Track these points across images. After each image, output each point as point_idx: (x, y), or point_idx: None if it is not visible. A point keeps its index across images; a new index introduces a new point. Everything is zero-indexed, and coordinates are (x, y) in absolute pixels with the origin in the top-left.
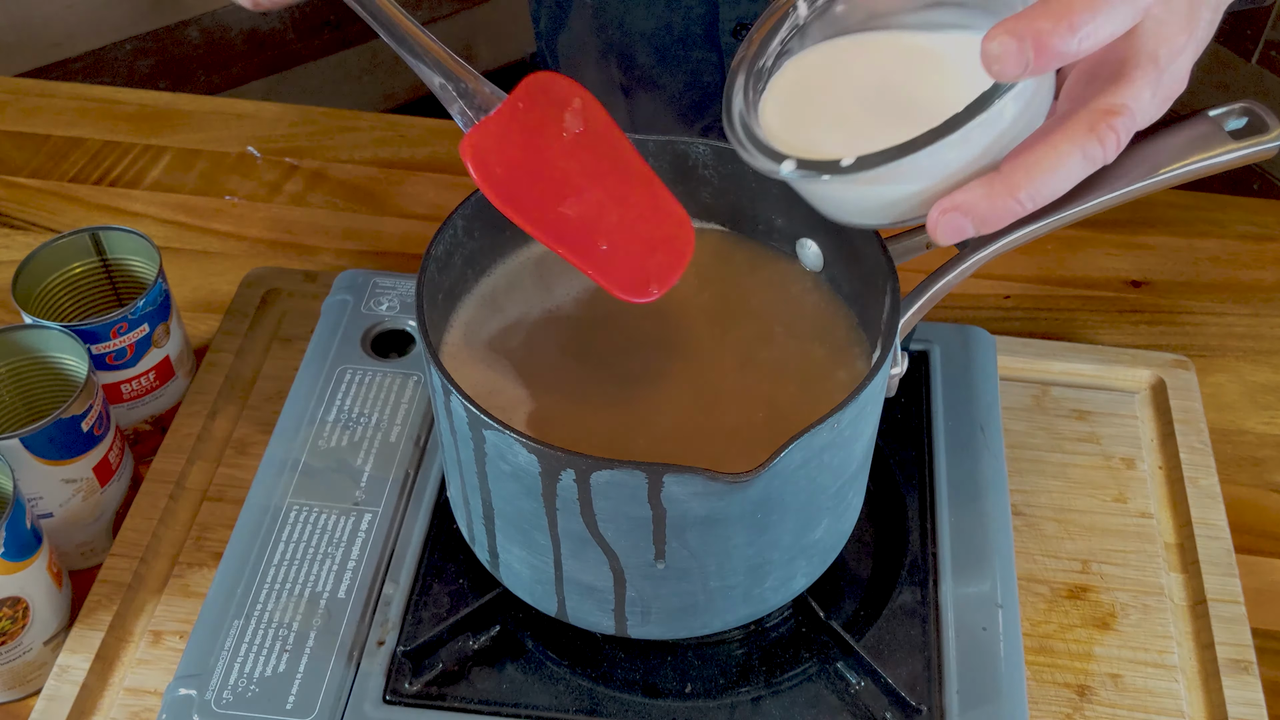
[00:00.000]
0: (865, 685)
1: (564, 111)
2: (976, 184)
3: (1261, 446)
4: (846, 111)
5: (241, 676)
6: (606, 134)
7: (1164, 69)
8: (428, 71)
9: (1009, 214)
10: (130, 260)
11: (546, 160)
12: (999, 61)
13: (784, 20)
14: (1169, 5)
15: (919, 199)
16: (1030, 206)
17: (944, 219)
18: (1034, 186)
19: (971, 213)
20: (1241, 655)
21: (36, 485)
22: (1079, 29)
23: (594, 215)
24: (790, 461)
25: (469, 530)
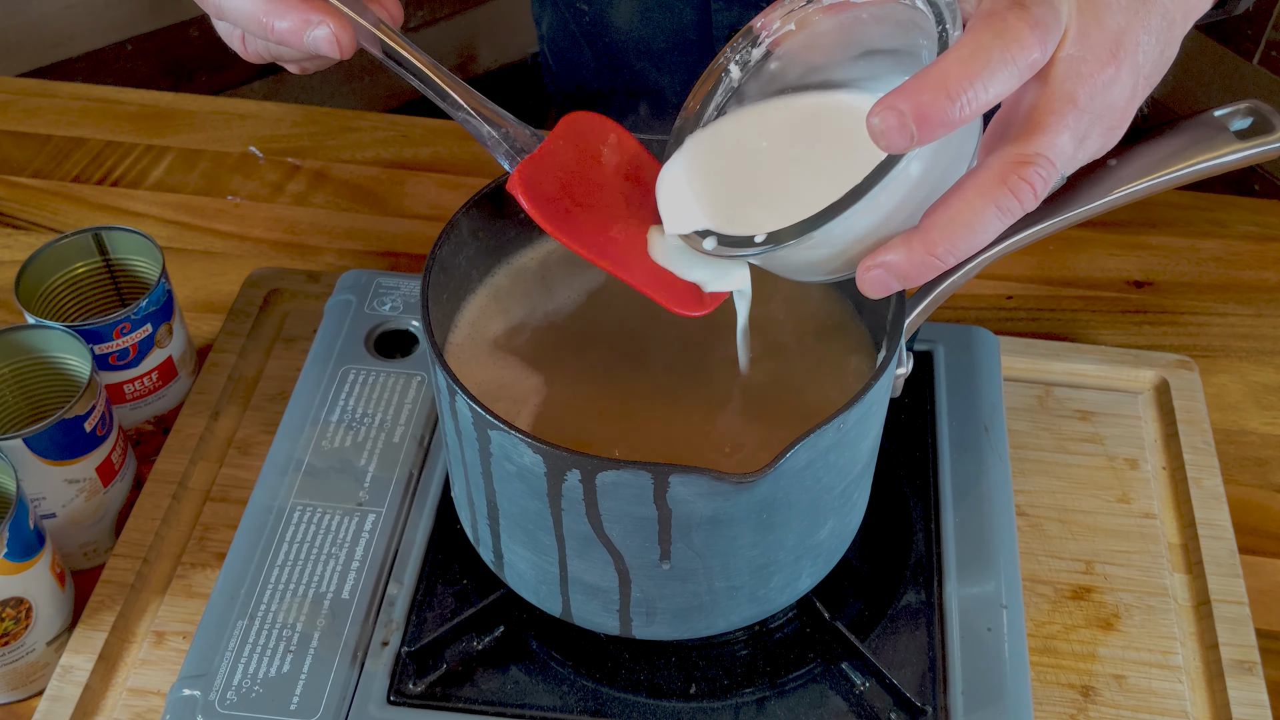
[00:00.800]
0: (870, 686)
1: (601, 146)
2: (896, 243)
3: (1265, 447)
4: (766, 179)
5: (245, 677)
6: (641, 163)
7: (1085, 109)
8: (474, 122)
9: (930, 269)
10: (133, 260)
11: (589, 190)
12: (884, 136)
13: (718, 84)
14: (1085, 43)
15: (842, 259)
16: (951, 261)
17: (868, 275)
18: (950, 243)
19: (894, 271)
20: (1245, 656)
21: (39, 485)
22: (958, 97)
23: (640, 238)
24: (796, 462)
25: (473, 531)
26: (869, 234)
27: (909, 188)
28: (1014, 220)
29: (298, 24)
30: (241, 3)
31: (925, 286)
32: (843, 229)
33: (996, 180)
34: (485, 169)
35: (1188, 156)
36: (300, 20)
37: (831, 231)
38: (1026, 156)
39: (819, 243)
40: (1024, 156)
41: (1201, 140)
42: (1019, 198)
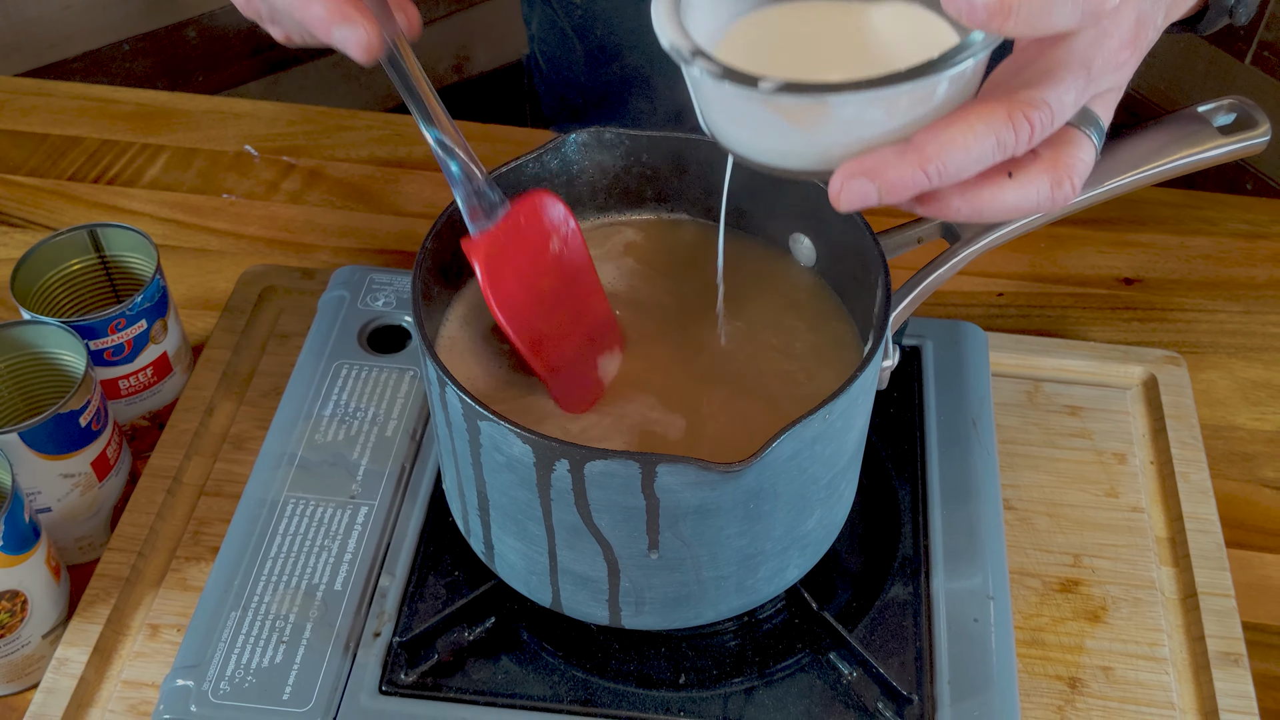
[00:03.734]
0: (857, 675)
1: (552, 235)
2: (887, 149)
3: (1252, 442)
4: (797, 53)
5: (239, 667)
6: (579, 257)
7: (1095, 79)
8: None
9: (914, 185)
10: (128, 257)
11: (533, 275)
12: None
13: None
14: (1117, 20)
15: (827, 153)
16: (936, 181)
17: (850, 183)
18: (943, 160)
19: (879, 177)
20: (1232, 648)
21: (35, 480)
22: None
23: (559, 333)
24: (781, 452)
25: (464, 522)
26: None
27: (928, 108)
28: (1001, 159)
29: (331, 14)
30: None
31: (911, 279)
32: (851, 111)
33: (1001, 113)
34: None
35: (1172, 151)
36: (336, 12)
37: (841, 108)
38: (1035, 100)
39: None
40: (1033, 99)
41: (1186, 135)
42: (1017, 134)
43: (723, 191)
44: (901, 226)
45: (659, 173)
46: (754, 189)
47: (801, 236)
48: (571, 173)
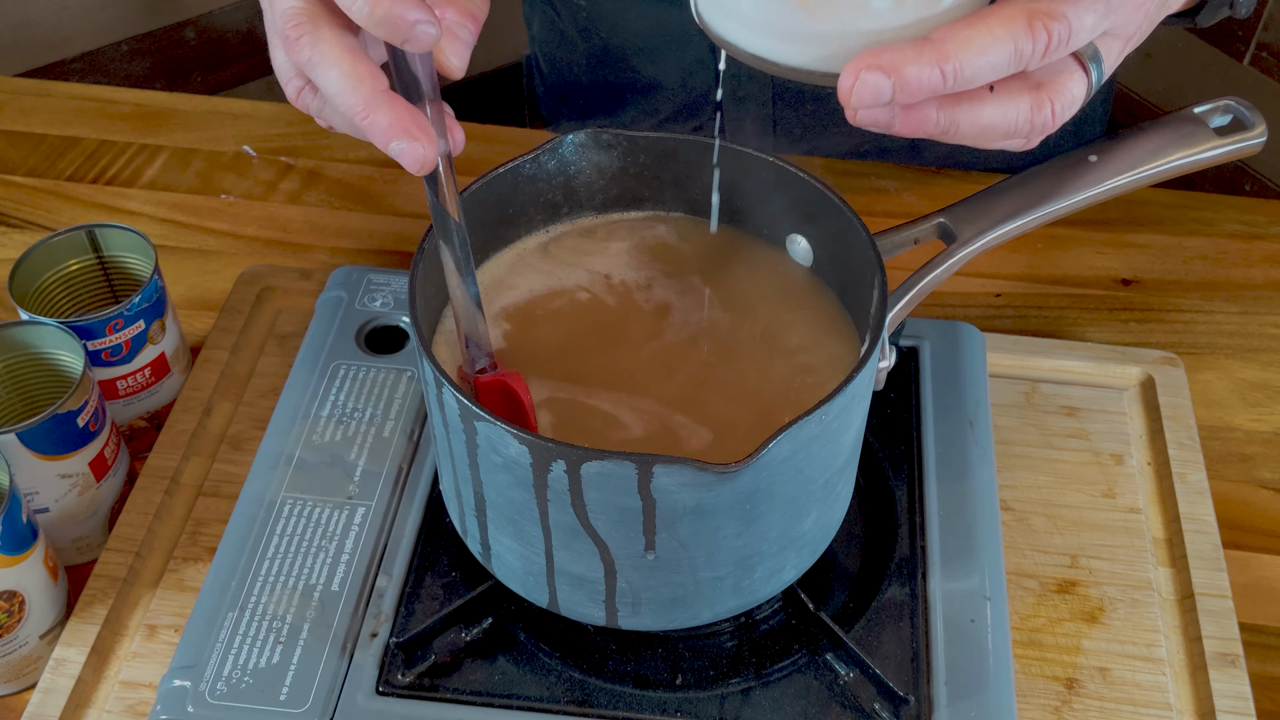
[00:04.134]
0: (854, 676)
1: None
2: (905, 44)
3: (1249, 443)
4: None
5: (236, 668)
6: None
7: (1114, 8)
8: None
9: (930, 86)
10: (126, 257)
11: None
12: None
13: None
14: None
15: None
16: (950, 84)
17: (865, 76)
18: (961, 60)
19: (895, 73)
20: (1229, 649)
21: (32, 480)
22: None
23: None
24: (778, 453)
25: (461, 523)
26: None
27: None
28: (1017, 69)
29: (393, 128)
30: (339, 76)
31: (908, 280)
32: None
33: (1021, 20)
34: (475, 169)
35: (1168, 152)
36: (398, 126)
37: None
38: (1054, 11)
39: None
40: (1052, 10)
41: (1182, 136)
42: (1034, 44)
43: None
44: (898, 227)
45: (656, 173)
46: (750, 190)
47: (798, 237)
48: (569, 173)
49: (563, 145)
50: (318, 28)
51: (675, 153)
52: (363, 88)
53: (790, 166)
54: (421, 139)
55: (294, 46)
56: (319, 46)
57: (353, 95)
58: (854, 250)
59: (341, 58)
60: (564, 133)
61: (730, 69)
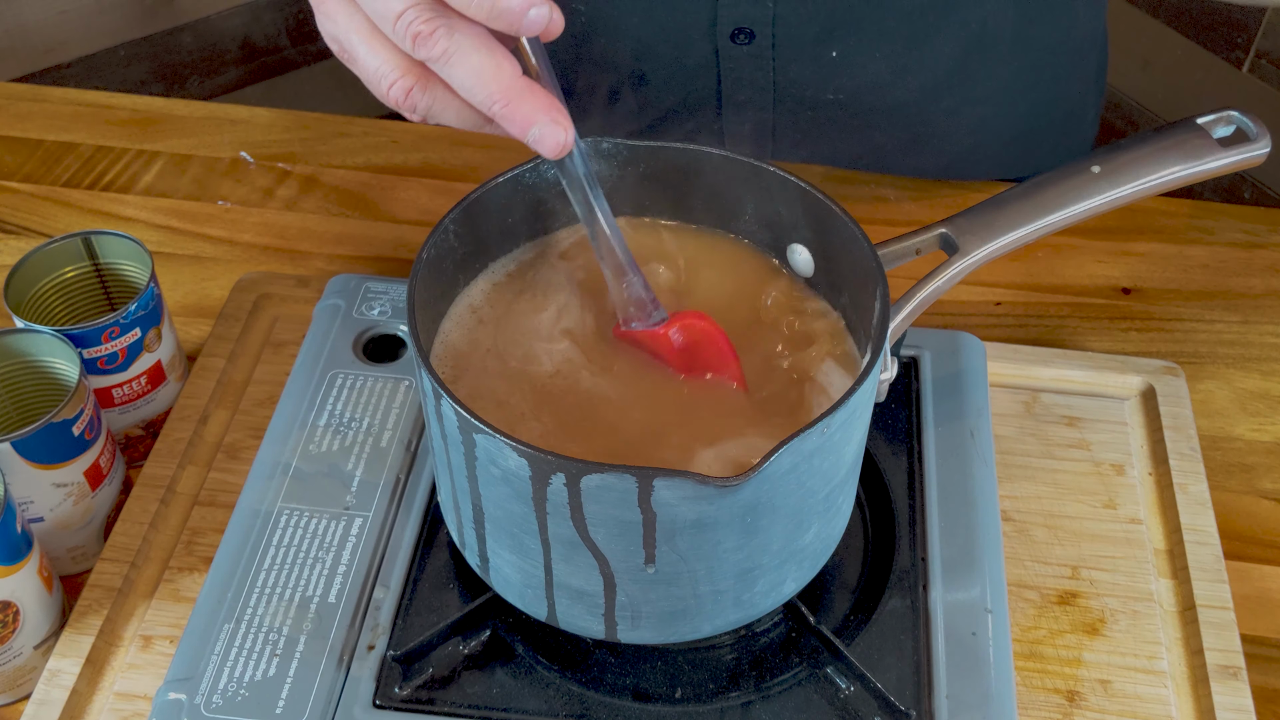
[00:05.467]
0: (855, 690)
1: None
2: None
3: (1250, 453)
4: None
5: (231, 680)
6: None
7: None
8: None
9: None
10: (122, 265)
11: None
12: None
13: None
14: None
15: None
16: None
17: None
18: None
19: None
20: (1230, 661)
21: (27, 489)
22: None
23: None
24: (779, 466)
25: (459, 535)
26: None
27: None
28: None
29: (535, 113)
30: (479, 66)
31: (910, 291)
32: None
33: None
34: (474, 174)
35: (1172, 164)
36: (540, 111)
37: None
38: None
39: None
40: None
41: (1185, 147)
42: None
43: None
44: (900, 237)
45: (656, 183)
46: (750, 199)
47: (798, 247)
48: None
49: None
50: (450, 19)
51: (675, 162)
52: (502, 76)
53: (791, 176)
54: (562, 121)
55: (428, 41)
56: (455, 37)
57: (493, 84)
58: (855, 261)
59: (479, 47)
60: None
61: (732, 74)
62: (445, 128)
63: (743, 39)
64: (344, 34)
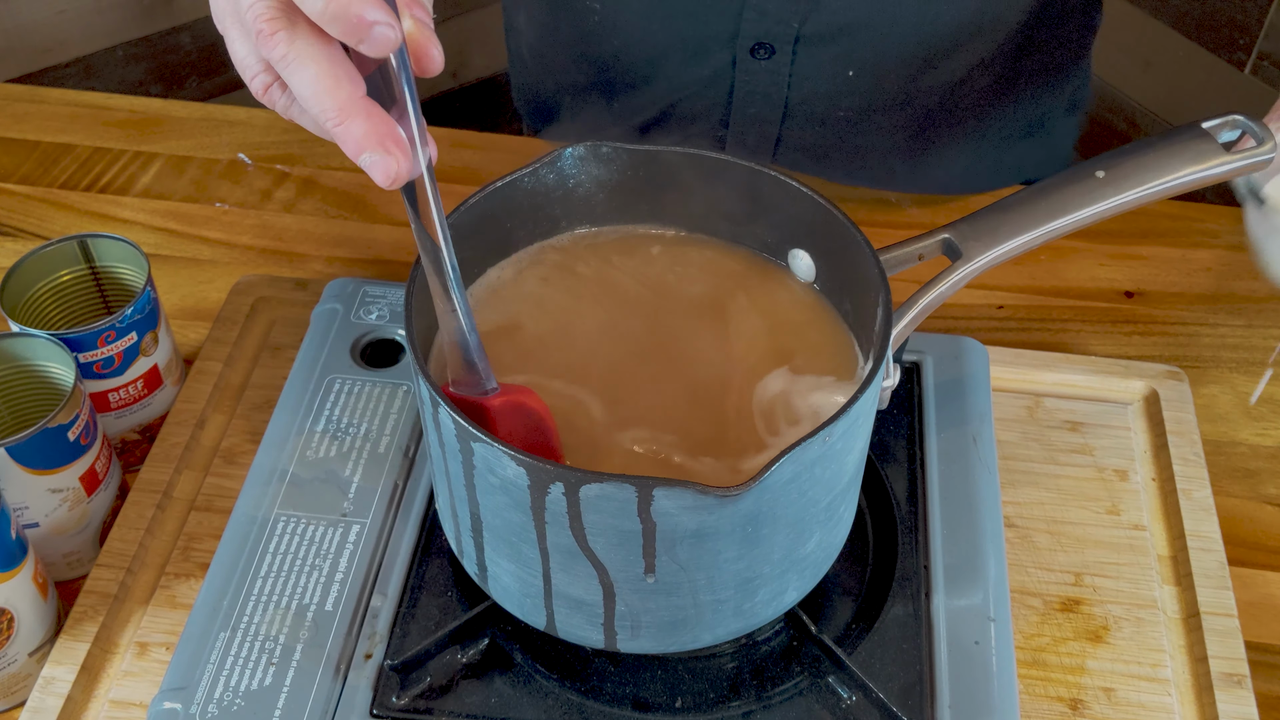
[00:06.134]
0: (857, 700)
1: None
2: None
3: (1254, 458)
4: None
5: (227, 690)
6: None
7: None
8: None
9: None
10: (119, 268)
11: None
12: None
13: None
14: None
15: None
16: None
17: None
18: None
19: None
20: (1235, 669)
21: (22, 494)
22: None
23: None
24: (781, 476)
25: (457, 543)
26: None
27: None
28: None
29: (366, 138)
30: (314, 77)
31: (913, 296)
32: None
33: None
34: (473, 178)
35: (1176, 168)
36: (372, 136)
37: None
38: None
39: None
40: None
41: (1190, 152)
42: None
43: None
44: (903, 243)
45: (655, 187)
46: (750, 205)
47: (800, 252)
48: (568, 186)
49: (562, 159)
50: (294, 24)
51: (675, 167)
52: (339, 92)
53: (792, 181)
54: (395, 151)
55: (268, 41)
56: (295, 44)
57: (327, 99)
58: (857, 266)
59: (319, 57)
60: (542, 136)
61: (746, 87)
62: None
63: (763, 54)
64: (219, 18)
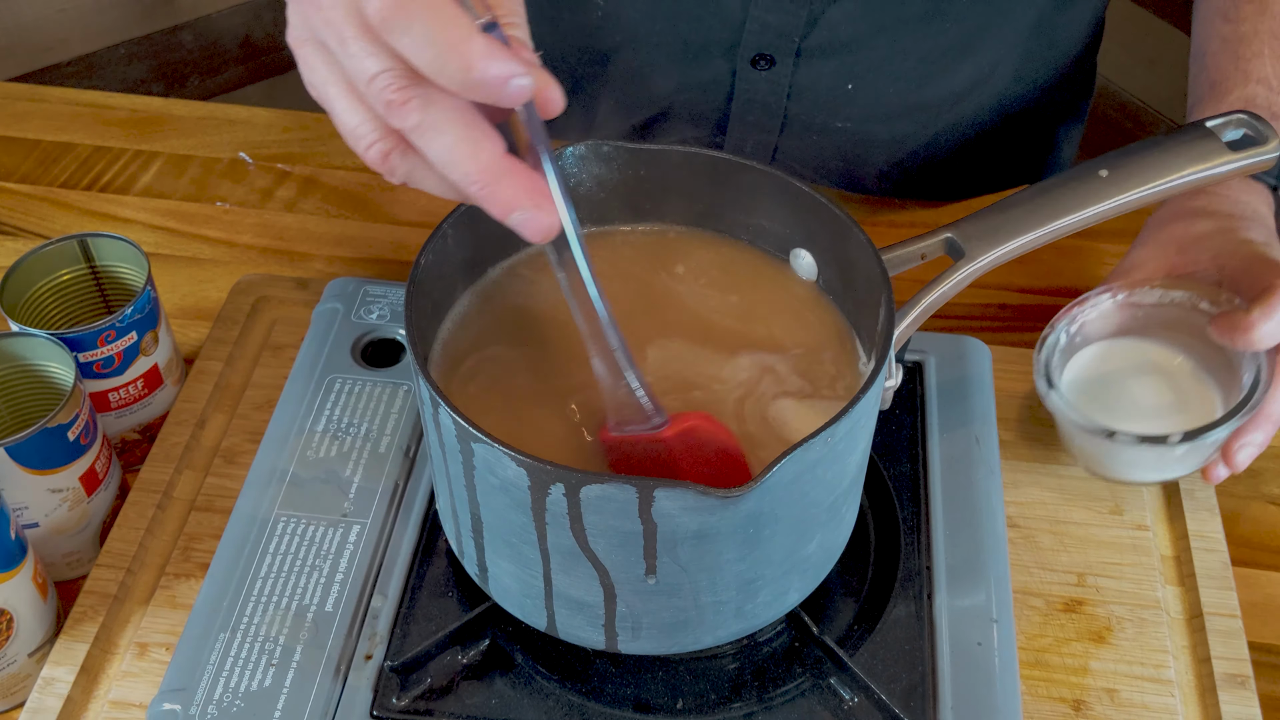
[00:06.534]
0: (859, 701)
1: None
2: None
3: (1258, 458)
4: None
5: (227, 691)
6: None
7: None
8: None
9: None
10: (119, 267)
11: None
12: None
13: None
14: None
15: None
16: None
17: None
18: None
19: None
20: (1238, 669)
21: (22, 495)
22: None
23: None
24: (783, 476)
25: (458, 543)
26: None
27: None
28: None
29: (516, 198)
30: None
31: (915, 296)
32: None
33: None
34: None
35: (1181, 167)
36: (522, 195)
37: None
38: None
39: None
40: None
41: (1194, 151)
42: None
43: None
44: (905, 242)
45: (657, 187)
46: (752, 204)
47: (802, 251)
48: (569, 185)
49: (563, 157)
50: (427, 88)
51: (676, 165)
52: (481, 155)
53: (794, 180)
54: (546, 205)
55: (400, 111)
56: (430, 111)
57: (470, 164)
58: (859, 266)
59: (456, 121)
60: (564, 144)
61: (745, 95)
62: None
63: (763, 65)
64: (321, 86)
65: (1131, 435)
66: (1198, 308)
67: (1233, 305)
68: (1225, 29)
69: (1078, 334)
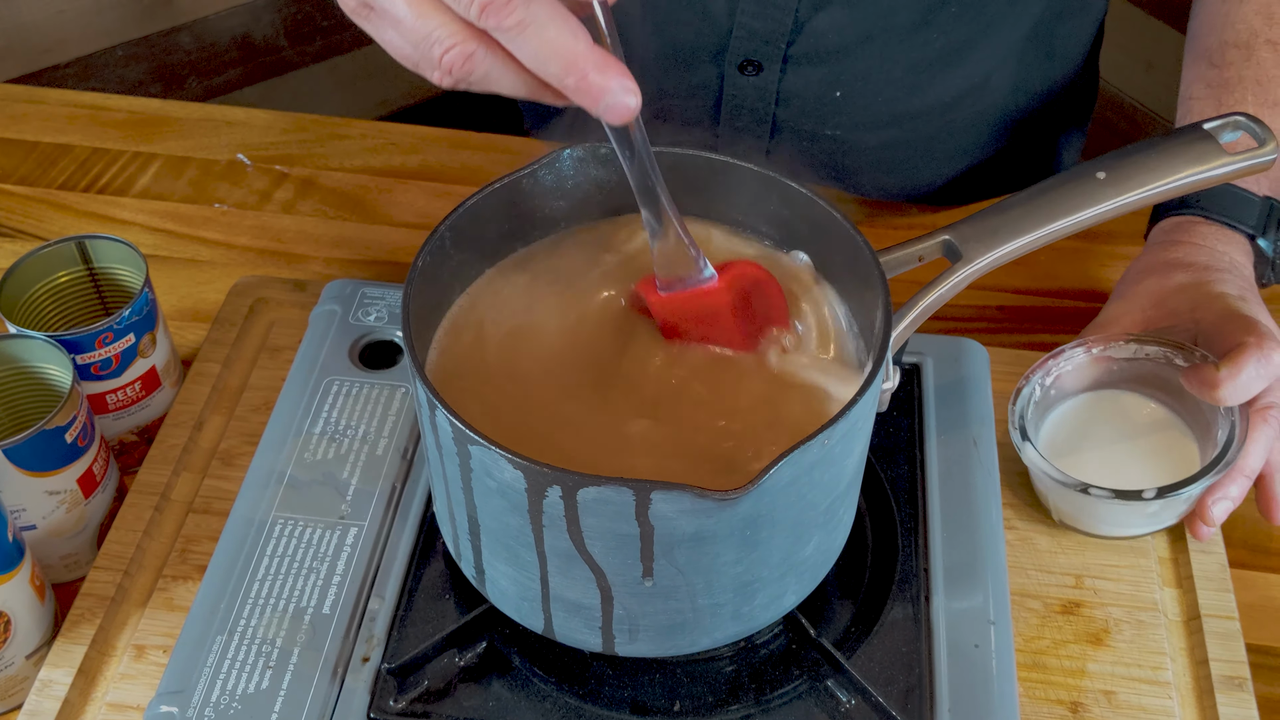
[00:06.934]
0: (856, 703)
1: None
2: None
3: None
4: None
5: (224, 693)
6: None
7: None
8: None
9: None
10: (117, 269)
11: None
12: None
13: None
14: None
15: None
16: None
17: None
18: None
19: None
20: (1236, 671)
21: (19, 497)
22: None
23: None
24: (779, 479)
25: (455, 546)
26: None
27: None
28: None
29: (608, 83)
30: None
31: (913, 298)
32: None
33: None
34: (472, 177)
35: (1178, 169)
36: (615, 80)
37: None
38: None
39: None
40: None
41: (1192, 153)
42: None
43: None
44: (902, 244)
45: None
46: (749, 207)
47: (799, 254)
48: (566, 188)
49: (560, 160)
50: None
51: (674, 168)
52: (579, 48)
53: (791, 182)
54: (633, 90)
55: (500, 10)
56: (532, 7)
57: (570, 56)
58: (857, 267)
59: (555, 17)
60: (561, 147)
61: (733, 101)
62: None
63: (750, 70)
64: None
65: (1106, 491)
66: (1172, 362)
67: (1205, 360)
68: (1210, 74)
69: (1052, 386)
